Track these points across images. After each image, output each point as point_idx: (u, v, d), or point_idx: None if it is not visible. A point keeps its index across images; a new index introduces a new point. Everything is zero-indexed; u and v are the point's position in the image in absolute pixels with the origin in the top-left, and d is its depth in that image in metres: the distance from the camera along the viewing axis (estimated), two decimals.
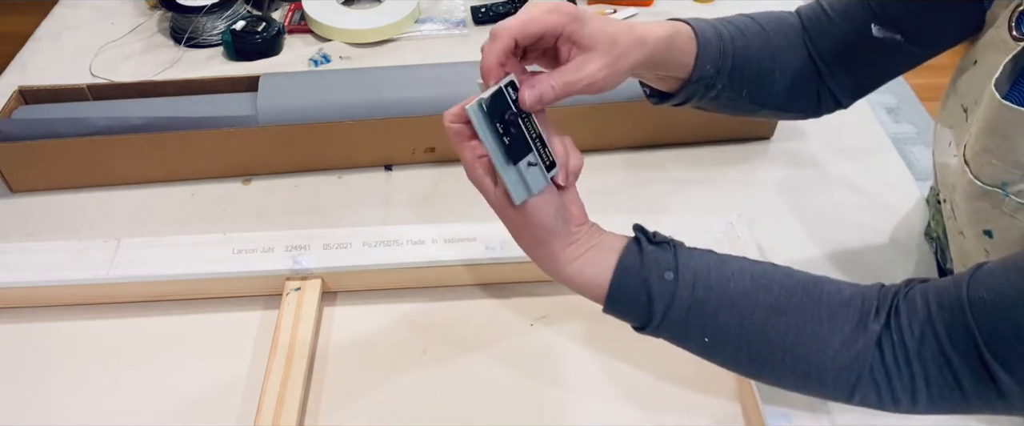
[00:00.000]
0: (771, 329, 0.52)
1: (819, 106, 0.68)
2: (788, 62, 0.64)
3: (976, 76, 0.59)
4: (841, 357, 0.51)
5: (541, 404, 0.68)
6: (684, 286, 0.53)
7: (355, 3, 1.19)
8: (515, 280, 0.78)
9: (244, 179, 0.91)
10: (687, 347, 0.56)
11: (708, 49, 0.60)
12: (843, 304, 0.52)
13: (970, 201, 0.57)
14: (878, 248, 0.82)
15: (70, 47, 1.13)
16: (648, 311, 0.53)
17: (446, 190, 0.89)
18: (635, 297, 0.53)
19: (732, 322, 0.53)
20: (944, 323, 0.49)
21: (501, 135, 0.50)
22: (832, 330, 0.51)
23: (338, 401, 0.69)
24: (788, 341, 0.52)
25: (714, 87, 0.62)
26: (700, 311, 0.53)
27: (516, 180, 0.51)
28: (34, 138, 0.84)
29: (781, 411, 0.64)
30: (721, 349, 0.54)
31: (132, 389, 0.69)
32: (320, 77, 0.95)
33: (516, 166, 0.51)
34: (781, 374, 0.54)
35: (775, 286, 0.53)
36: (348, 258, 0.75)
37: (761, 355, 0.53)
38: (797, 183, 0.91)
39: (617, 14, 1.18)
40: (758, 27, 0.64)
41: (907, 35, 0.61)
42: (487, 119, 0.49)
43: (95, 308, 0.76)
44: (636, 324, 0.55)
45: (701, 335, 0.53)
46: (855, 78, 0.66)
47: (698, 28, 0.60)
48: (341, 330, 0.74)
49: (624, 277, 0.53)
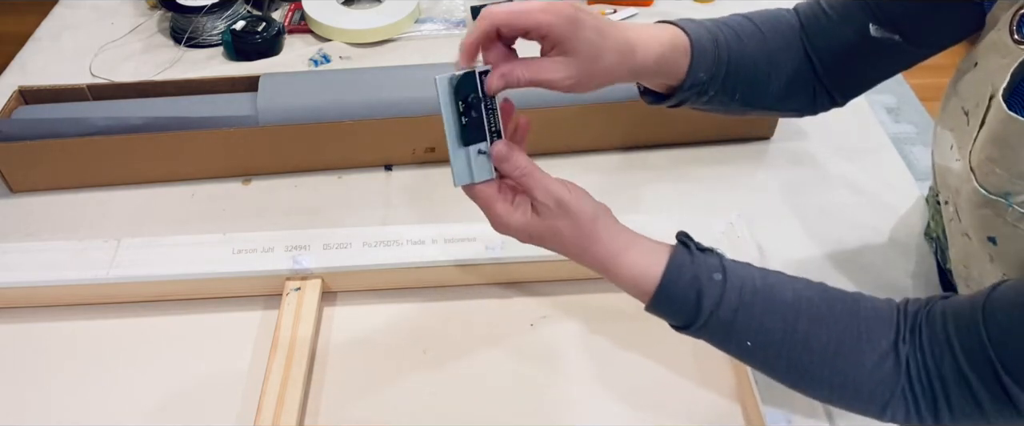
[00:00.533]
0: (813, 339, 0.53)
1: (815, 104, 0.68)
2: (784, 64, 0.64)
3: (977, 78, 0.59)
4: (877, 373, 0.52)
5: (541, 404, 0.68)
6: (732, 289, 0.53)
7: (355, 3, 1.19)
8: (515, 280, 0.78)
9: (244, 179, 0.91)
10: (726, 348, 0.57)
11: (702, 57, 0.60)
12: (881, 320, 0.53)
13: (975, 208, 0.58)
14: (878, 248, 0.82)
15: (70, 47, 1.13)
16: (696, 310, 0.54)
17: (446, 190, 0.89)
18: (685, 294, 0.54)
19: (776, 328, 0.53)
20: (961, 343, 0.49)
21: (460, 114, 0.52)
22: (870, 344, 0.52)
23: (338, 401, 0.69)
24: (829, 352, 0.53)
25: (706, 93, 0.62)
26: (746, 314, 0.53)
27: (463, 163, 0.53)
28: (34, 138, 0.84)
29: (781, 412, 0.64)
30: (762, 353, 0.55)
31: (132, 389, 0.69)
32: (320, 77, 0.95)
33: (466, 148, 0.53)
34: (817, 384, 0.54)
35: (816, 298, 0.54)
36: (348, 258, 0.75)
37: (802, 364, 0.54)
38: (797, 183, 0.90)
39: (617, 14, 1.18)
40: (755, 29, 0.64)
41: (905, 35, 0.61)
42: (452, 95, 0.51)
43: (95, 308, 0.76)
44: (680, 322, 0.56)
45: (744, 338, 0.54)
46: (852, 77, 0.66)
47: (694, 36, 0.60)
48: (341, 330, 0.74)
49: (676, 273, 0.54)
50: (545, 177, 0.53)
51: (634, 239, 0.56)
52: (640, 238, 0.56)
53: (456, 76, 0.51)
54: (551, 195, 0.53)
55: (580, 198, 0.54)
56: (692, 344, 0.72)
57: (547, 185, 0.53)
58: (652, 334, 0.74)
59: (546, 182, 0.53)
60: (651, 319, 0.75)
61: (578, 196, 0.54)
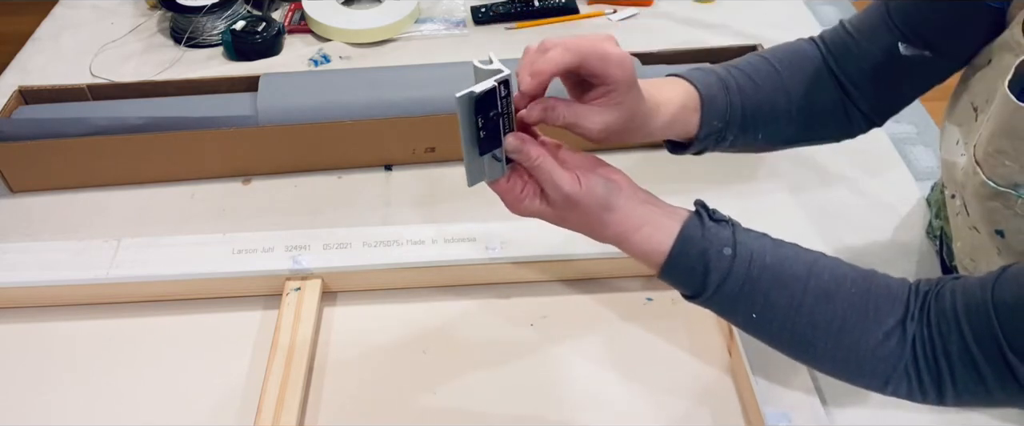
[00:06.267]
0: (818, 314, 0.53)
1: (852, 128, 0.68)
2: (808, 96, 0.65)
3: (989, 75, 0.59)
4: (880, 350, 0.52)
5: (541, 404, 0.68)
6: (740, 263, 0.54)
7: (355, 3, 1.19)
8: (515, 280, 0.78)
9: (244, 179, 0.91)
10: (733, 319, 0.58)
11: (713, 107, 0.62)
12: (890, 299, 0.53)
13: (982, 201, 0.58)
14: (878, 248, 0.82)
15: (70, 47, 1.13)
16: (703, 282, 0.54)
17: (446, 190, 0.89)
18: (692, 266, 0.55)
19: (781, 302, 0.54)
20: (969, 322, 0.50)
21: (479, 128, 0.51)
22: (876, 322, 0.53)
23: (338, 401, 0.69)
24: (833, 328, 0.53)
25: (726, 139, 0.64)
26: (752, 288, 0.54)
27: (477, 167, 0.53)
28: (34, 138, 0.84)
29: (781, 411, 0.64)
30: (767, 326, 0.55)
31: (132, 389, 0.69)
32: (320, 77, 0.95)
33: (482, 157, 0.52)
34: (820, 357, 0.55)
35: (826, 273, 0.54)
36: (348, 258, 0.75)
37: (805, 337, 0.54)
38: (798, 183, 0.90)
39: (616, 14, 1.18)
40: (770, 68, 0.65)
41: (935, 49, 0.62)
42: (472, 111, 0.50)
43: (95, 308, 0.76)
44: (688, 292, 0.56)
45: (750, 311, 0.55)
46: (886, 97, 0.67)
47: (702, 87, 0.62)
48: (341, 330, 0.74)
49: (685, 245, 0.55)
50: (554, 170, 0.53)
51: (648, 215, 0.55)
52: (655, 211, 0.56)
53: (476, 93, 0.49)
54: (559, 190, 0.53)
55: (590, 189, 0.53)
56: (692, 345, 0.73)
57: (555, 180, 0.53)
58: (652, 335, 0.74)
59: (555, 176, 0.53)
60: (651, 319, 0.75)
61: (588, 186, 0.53)
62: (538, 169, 0.53)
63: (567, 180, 0.53)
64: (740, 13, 1.19)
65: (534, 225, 0.57)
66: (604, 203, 0.54)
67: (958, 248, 0.67)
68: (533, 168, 0.53)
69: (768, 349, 0.57)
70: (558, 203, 0.53)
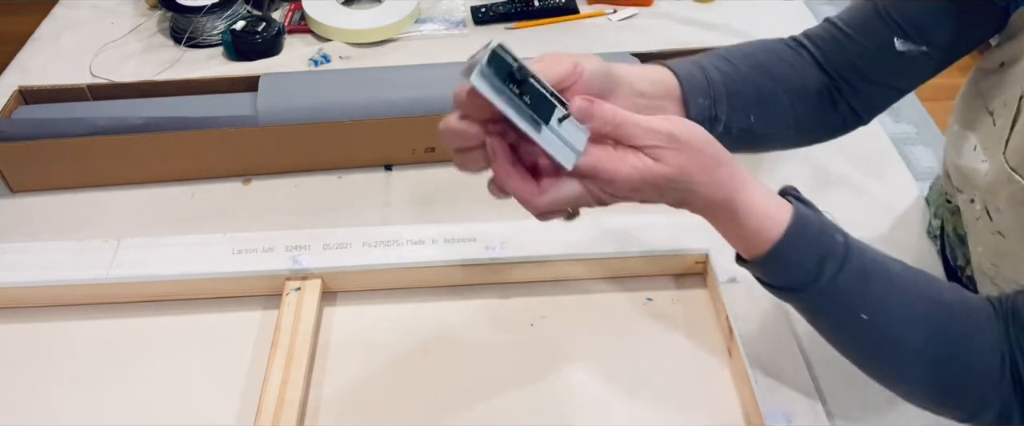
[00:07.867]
0: (932, 320, 0.49)
1: (844, 125, 0.68)
2: (791, 81, 0.65)
3: (1005, 80, 0.58)
4: (984, 365, 0.49)
5: (541, 404, 0.68)
6: (854, 253, 0.48)
7: (355, 3, 1.19)
8: (515, 280, 0.78)
9: (244, 179, 0.91)
10: (827, 319, 0.51)
11: (693, 82, 0.60)
12: (984, 310, 0.50)
13: (1018, 207, 0.56)
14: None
15: (70, 47, 1.13)
16: (818, 269, 0.48)
17: (446, 190, 0.89)
18: (809, 247, 0.48)
19: (894, 302, 0.48)
20: None
21: (518, 95, 0.43)
22: (979, 333, 0.49)
23: (338, 401, 0.69)
24: (943, 339, 0.48)
25: (719, 120, 0.62)
26: (863, 284, 0.48)
27: (556, 142, 0.44)
28: (34, 138, 0.84)
29: (781, 412, 0.64)
30: (875, 331, 0.49)
31: (132, 389, 0.69)
32: (320, 77, 0.95)
33: (548, 126, 0.44)
34: (916, 375, 0.50)
35: (922, 278, 0.50)
36: (348, 258, 0.75)
37: (915, 348, 0.49)
38: (797, 183, 0.90)
39: (616, 14, 1.18)
40: (741, 52, 0.65)
41: (933, 45, 0.61)
42: (498, 80, 0.42)
43: (95, 308, 0.76)
44: (791, 281, 0.50)
45: (860, 310, 0.48)
46: (879, 92, 0.66)
47: (674, 66, 0.61)
48: (341, 330, 0.74)
49: (804, 222, 0.48)
50: (641, 118, 0.46)
51: (753, 179, 0.48)
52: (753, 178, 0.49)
53: (482, 62, 0.42)
54: (660, 134, 0.45)
55: (689, 125, 0.46)
56: (692, 345, 0.73)
57: (650, 125, 0.46)
58: (652, 335, 0.74)
59: (647, 123, 0.46)
60: (651, 320, 0.74)
61: (684, 123, 0.47)
62: (623, 125, 0.46)
63: (661, 120, 0.45)
64: (740, 13, 1.19)
65: (534, 225, 0.57)
66: (714, 148, 0.47)
67: (979, 253, 0.66)
68: (618, 127, 0.46)
69: (768, 349, 0.57)
70: (665, 150, 0.45)
